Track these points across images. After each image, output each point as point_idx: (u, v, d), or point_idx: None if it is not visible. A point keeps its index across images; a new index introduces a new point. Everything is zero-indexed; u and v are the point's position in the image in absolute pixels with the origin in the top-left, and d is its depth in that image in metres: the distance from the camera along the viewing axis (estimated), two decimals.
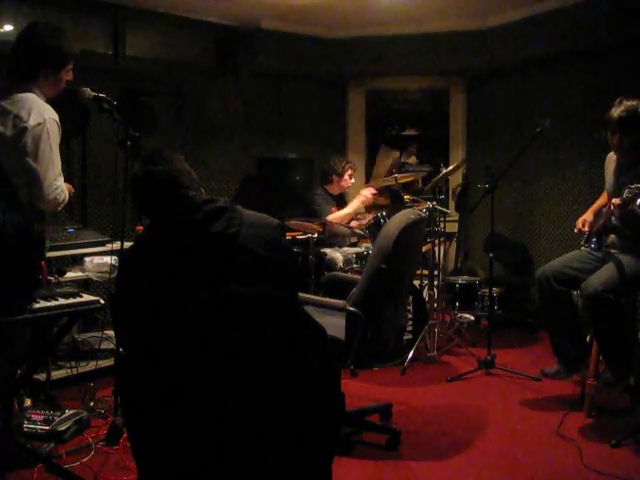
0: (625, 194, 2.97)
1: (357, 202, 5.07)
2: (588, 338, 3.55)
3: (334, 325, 2.81)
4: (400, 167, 6.41)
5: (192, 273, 1.81)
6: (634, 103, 3.29)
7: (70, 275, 3.82)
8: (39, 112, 2.69)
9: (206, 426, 1.65)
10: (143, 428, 1.73)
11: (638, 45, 4.81)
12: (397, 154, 4.64)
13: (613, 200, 3.18)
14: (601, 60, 5.13)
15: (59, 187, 2.75)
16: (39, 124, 2.67)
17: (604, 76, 5.09)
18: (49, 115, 2.73)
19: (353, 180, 5.33)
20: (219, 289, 1.76)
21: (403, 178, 4.93)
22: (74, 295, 2.68)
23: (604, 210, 3.53)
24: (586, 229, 3.57)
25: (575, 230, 3.65)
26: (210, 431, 1.65)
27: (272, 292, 1.75)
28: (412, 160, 6.69)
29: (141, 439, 1.74)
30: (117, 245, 3.28)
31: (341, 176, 5.22)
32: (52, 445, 2.94)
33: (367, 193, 5.05)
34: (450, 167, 4.70)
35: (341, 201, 5.47)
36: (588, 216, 3.63)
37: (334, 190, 5.33)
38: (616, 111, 3.31)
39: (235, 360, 1.65)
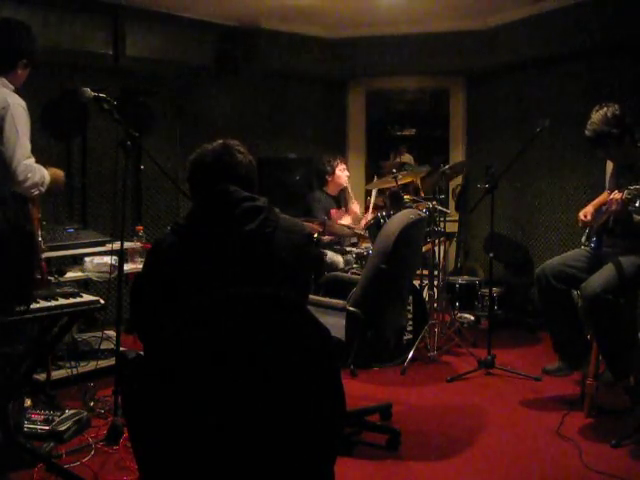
0: (625, 194, 2.98)
1: (347, 218, 5.18)
2: (588, 337, 3.55)
3: (334, 325, 2.80)
4: (400, 167, 6.40)
5: (219, 269, 1.83)
6: (602, 113, 3.32)
7: (70, 275, 3.82)
8: (3, 97, 2.82)
9: (208, 426, 1.65)
10: (144, 427, 1.73)
11: (638, 45, 4.81)
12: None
13: (613, 194, 3.16)
14: (601, 60, 5.12)
15: (29, 166, 2.85)
16: (2, 108, 2.80)
17: (604, 76, 5.08)
18: (14, 100, 2.85)
19: (347, 172, 5.32)
20: (235, 288, 1.77)
21: (403, 178, 4.93)
22: (74, 295, 2.68)
23: (604, 208, 3.53)
24: (589, 219, 3.56)
25: (579, 224, 3.65)
26: (212, 431, 1.65)
27: (279, 293, 1.76)
28: (408, 159, 6.68)
29: (142, 439, 1.74)
30: (117, 245, 3.28)
31: (333, 174, 5.23)
32: (52, 445, 2.94)
33: (356, 209, 5.17)
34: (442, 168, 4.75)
35: (342, 200, 5.47)
36: (589, 209, 3.63)
37: (332, 190, 5.32)
38: (586, 130, 3.38)
39: (238, 360, 1.65)
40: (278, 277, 1.90)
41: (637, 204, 2.92)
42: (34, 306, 2.51)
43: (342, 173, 5.26)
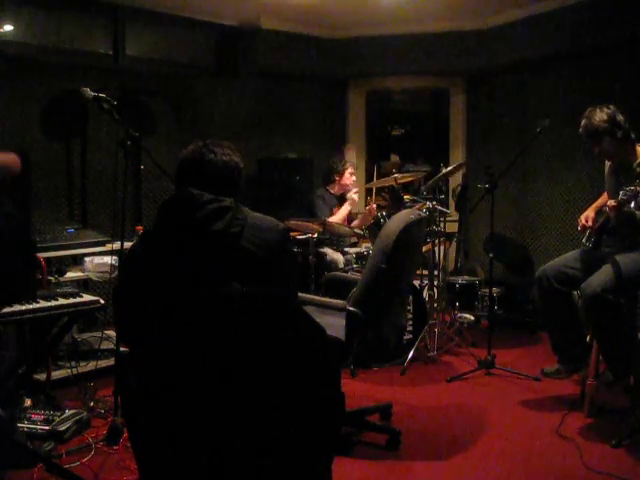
0: (620, 196, 2.98)
1: (347, 206, 5.20)
2: (588, 338, 3.56)
3: (334, 325, 2.81)
4: (401, 168, 6.41)
5: (192, 271, 1.81)
6: (595, 111, 3.38)
7: (70, 275, 3.83)
8: None
9: (206, 426, 1.65)
10: (144, 427, 1.73)
11: (637, 45, 4.81)
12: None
13: (608, 202, 3.20)
14: (601, 60, 5.12)
15: None
16: None
17: (604, 76, 5.08)
18: None
19: (354, 178, 5.36)
20: (218, 288, 1.76)
21: (403, 178, 4.93)
22: (74, 295, 2.69)
23: (604, 209, 3.53)
24: (589, 224, 3.56)
25: (579, 228, 3.65)
26: (210, 431, 1.65)
27: (270, 291, 1.75)
28: (395, 160, 6.68)
29: (142, 438, 1.74)
30: (117, 245, 3.28)
31: (342, 174, 5.26)
32: (52, 445, 2.94)
33: (355, 197, 5.21)
34: (449, 167, 4.71)
35: (344, 202, 5.48)
36: (590, 212, 3.64)
37: (336, 190, 5.35)
38: (580, 127, 3.44)
39: (234, 360, 1.65)
40: (251, 276, 1.88)
41: (632, 205, 2.92)
42: (34, 306, 2.51)
43: (350, 177, 5.30)
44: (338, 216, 5.11)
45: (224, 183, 2.04)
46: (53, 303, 2.58)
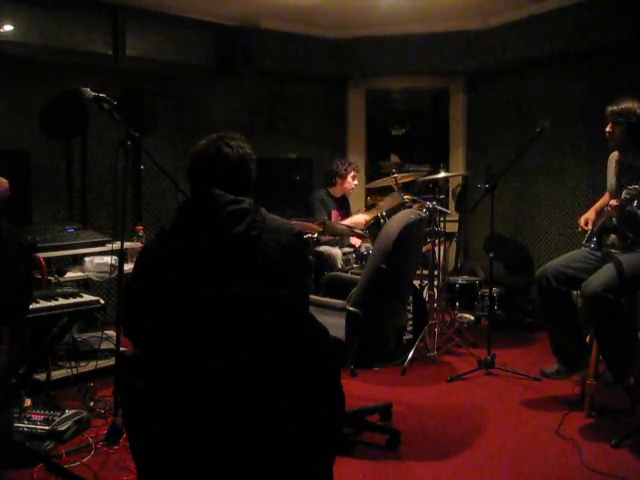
0: (623, 195, 2.98)
1: (349, 222, 5.02)
2: (588, 338, 3.55)
3: (334, 325, 2.80)
4: (400, 167, 6.41)
5: (209, 273, 1.81)
6: (629, 98, 3.36)
7: (70, 275, 3.83)
8: None
9: (207, 426, 1.65)
10: (143, 427, 1.73)
11: (638, 45, 4.81)
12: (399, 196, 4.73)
13: (610, 202, 3.19)
14: (601, 60, 5.13)
15: None
16: None
17: (604, 76, 5.08)
18: None
19: (356, 182, 5.34)
20: (225, 287, 1.76)
21: (403, 178, 4.93)
22: (74, 295, 2.69)
23: (605, 209, 3.53)
24: (589, 227, 3.57)
25: (579, 229, 3.66)
26: (211, 431, 1.65)
27: (276, 292, 1.75)
28: (395, 160, 6.68)
29: (142, 438, 1.74)
30: (117, 245, 3.28)
31: (344, 178, 5.24)
32: (52, 445, 2.94)
33: (361, 219, 5.01)
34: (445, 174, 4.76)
35: (344, 204, 5.46)
36: (590, 214, 3.64)
37: (337, 192, 5.33)
38: (610, 106, 3.41)
39: (237, 360, 1.65)
40: (269, 279, 1.87)
41: (635, 204, 2.92)
42: (34, 306, 2.51)
43: (352, 181, 5.27)
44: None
45: (241, 177, 2.03)
46: (53, 303, 2.58)
